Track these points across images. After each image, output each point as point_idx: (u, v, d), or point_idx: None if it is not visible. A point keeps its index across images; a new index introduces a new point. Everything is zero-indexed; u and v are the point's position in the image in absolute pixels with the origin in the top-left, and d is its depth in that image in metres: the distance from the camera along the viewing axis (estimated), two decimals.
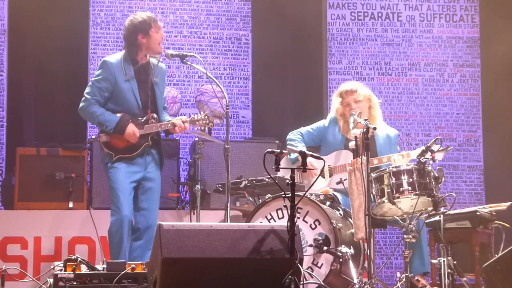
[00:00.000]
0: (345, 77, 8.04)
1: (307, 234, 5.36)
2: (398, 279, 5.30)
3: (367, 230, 5.06)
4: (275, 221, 5.43)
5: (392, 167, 5.41)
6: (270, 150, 4.41)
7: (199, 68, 5.91)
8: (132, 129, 5.66)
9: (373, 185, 5.35)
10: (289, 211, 4.24)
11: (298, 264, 4.20)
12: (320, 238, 5.30)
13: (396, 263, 7.79)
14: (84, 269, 4.84)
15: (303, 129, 6.32)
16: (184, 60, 5.70)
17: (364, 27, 8.30)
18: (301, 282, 4.31)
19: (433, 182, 5.31)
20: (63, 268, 4.85)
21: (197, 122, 5.78)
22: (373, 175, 5.37)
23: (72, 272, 4.77)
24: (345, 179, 5.56)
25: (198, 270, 4.19)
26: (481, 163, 8.20)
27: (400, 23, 8.33)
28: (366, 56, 8.25)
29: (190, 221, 6.76)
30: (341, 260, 5.22)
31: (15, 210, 6.78)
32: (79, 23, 7.89)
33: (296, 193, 4.30)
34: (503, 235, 5.93)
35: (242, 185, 5.95)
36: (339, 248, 5.24)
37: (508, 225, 6.00)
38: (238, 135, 8.03)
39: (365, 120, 5.40)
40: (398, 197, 5.32)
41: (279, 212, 5.47)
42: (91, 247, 6.68)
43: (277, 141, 7.21)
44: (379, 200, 5.37)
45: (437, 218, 5.66)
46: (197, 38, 8.08)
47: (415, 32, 8.33)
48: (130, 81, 5.72)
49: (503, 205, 6.07)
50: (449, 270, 5.43)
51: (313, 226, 5.39)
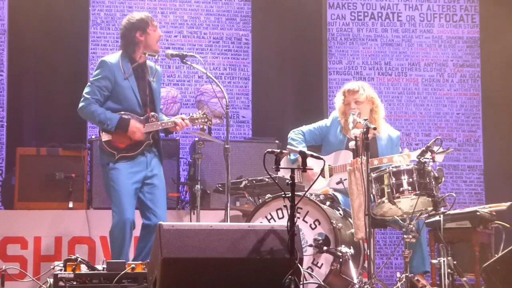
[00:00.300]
0: (345, 77, 8.04)
1: (307, 234, 5.36)
2: (398, 279, 5.30)
3: (367, 230, 5.06)
4: (275, 221, 5.43)
5: (392, 167, 5.40)
6: (270, 150, 4.40)
7: (199, 68, 5.90)
8: (136, 125, 5.64)
9: (373, 185, 5.35)
10: (289, 211, 4.24)
11: (298, 264, 4.19)
12: (320, 238, 5.30)
13: (396, 263, 7.79)
14: (84, 269, 4.83)
15: (305, 128, 6.30)
16: (184, 60, 5.69)
17: (364, 27, 8.29)
18: (301, 282, 4.31)
19: (433, 182, 5.31)
20: (63, 268, 4.84)
21: (196, 120, 5.77)
22: (373, 175, 5.37)
23: (72, 272, 4.75)
24: (345, 179, 5.56)
25: (198, 270, 4.19)
26: (481, 163, 8.20)
27: (400, 23, 8.33)
28: (366, 56, 8.25)
29: (190, 221, 6.76)
30: (341, 260, 5.22)
31: (15, 210, 6.78)
32: (79, 23, 7.89)
33: (296, 193, 4.30)
34: (503, 235, 5.93)
35: (242, 185, 5.94)
36: (339, 248, 5.24)
37: (508, 225, 6.00)
38: (238, 135, 8.03)
39: (365, 120, 5.40)
40: (398, 197, 5.31)
41: (279, 212, 5.46)
42: (91, 247, 6.69)
43: (277, 141, 7.21)
44: (379, 200, 5.37)
45: (437, 218, 5.65)
46: (197, 38, 8.08)
47: (415, 32, 8.33)
48: (129, 79, 5.70)
49: (503, 205, 6.07)
50: (449, 270, 5.43)
51: (313, 226, 5.39)
